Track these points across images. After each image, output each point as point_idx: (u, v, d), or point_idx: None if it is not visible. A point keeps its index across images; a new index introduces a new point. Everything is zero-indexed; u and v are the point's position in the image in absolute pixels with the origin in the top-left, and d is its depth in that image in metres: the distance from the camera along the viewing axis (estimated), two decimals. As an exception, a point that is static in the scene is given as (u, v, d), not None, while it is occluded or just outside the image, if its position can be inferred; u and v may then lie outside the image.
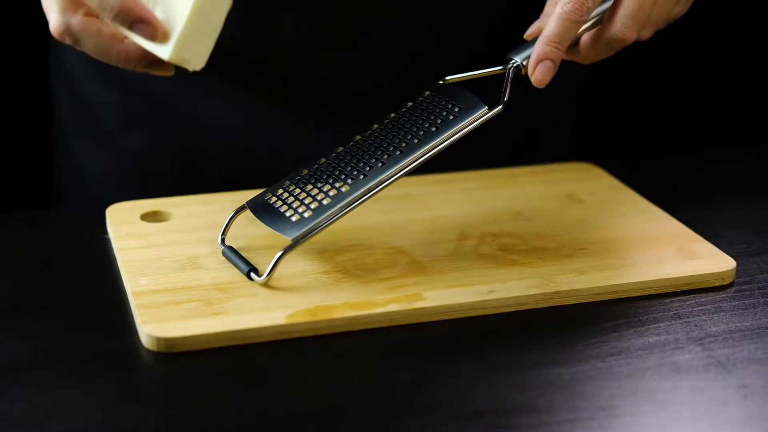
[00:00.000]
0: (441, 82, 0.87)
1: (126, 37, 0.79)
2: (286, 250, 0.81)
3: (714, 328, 0.79)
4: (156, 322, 0.76)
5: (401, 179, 0.82)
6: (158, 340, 0.74)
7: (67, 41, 0.79)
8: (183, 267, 0.83)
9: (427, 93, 0.86)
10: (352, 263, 0.84)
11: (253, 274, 0.81)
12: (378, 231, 0.89)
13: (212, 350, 0.75)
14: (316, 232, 0.81)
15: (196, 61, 0.78)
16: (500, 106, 0.84)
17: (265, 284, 0.80)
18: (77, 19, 0.79)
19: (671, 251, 0.87)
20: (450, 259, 0.85)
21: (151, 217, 0.91)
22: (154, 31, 0.77)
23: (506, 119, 1.08)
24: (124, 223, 0.89)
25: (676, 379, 0.73)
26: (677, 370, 0.74)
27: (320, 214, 0.81)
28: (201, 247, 0.85)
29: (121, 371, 0.73)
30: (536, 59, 0.83)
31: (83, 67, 1.08)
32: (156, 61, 0.79)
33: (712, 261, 0.85)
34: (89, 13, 0.79)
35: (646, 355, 0.75)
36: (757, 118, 1.39)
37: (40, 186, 1.26)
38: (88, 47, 0.80)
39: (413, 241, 0.87)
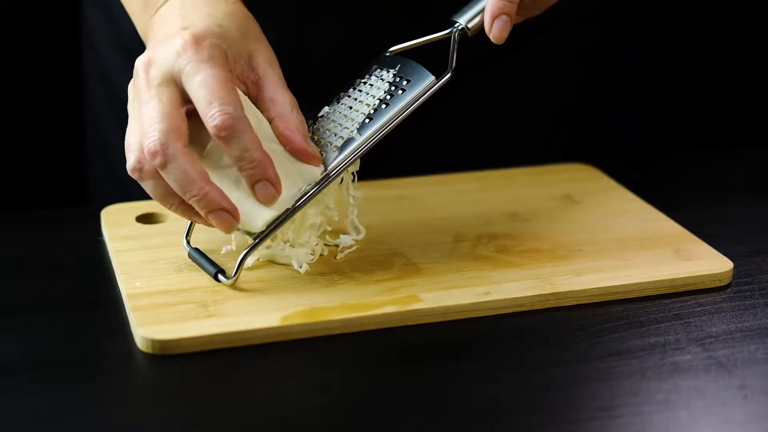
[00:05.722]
0: (387, 54, 0.84)
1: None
2: (250, 250, 0.79)
3: (714, 329, 0.78)
4: (151, 324, 0.75)
5: (403, 180, 0.82)
6: (153, 342, 0.74)
7: (157, 161, 0.74)
8: (178, 269, 0.82)
9: (374, 67, 0.84)
10: (348, 265, 0.84)
11: (220, 276, 0.80)
12: (374, 232, 0.88)
13: (207, 352, 0.74)
14: (278, 227, 0.79)
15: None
16: (448, 74, 0.81)
17: (232, 285, 0.80)
18: (178, 145, 0.75)
19: (668, 252, 0.86)
20: (446, 260, 0.85)
21: (146, 218, 0.90)
22: (234, 222, 0.77)
23: (504, 120, 1.08)
24: (119, 225, 0.89)
25: (676, 379, 0.73)
26: (677, 371, 0.74)
27: (279, 210, 0.79)
28: (196, 249, 0.85)
29: (117, 373, 0.73)
30: (492, 16, 0.80)
31: (118, 63, 1.07)
32: (223, 210, 0.77)
33: (708, 262, 0.85)
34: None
35: (646, 355, 0.75)
36: (757, 118, 1.39)
37: (72, 182, 1.26)
38: (173, 174, 0.75)
39: (409, 243, 0.87)
